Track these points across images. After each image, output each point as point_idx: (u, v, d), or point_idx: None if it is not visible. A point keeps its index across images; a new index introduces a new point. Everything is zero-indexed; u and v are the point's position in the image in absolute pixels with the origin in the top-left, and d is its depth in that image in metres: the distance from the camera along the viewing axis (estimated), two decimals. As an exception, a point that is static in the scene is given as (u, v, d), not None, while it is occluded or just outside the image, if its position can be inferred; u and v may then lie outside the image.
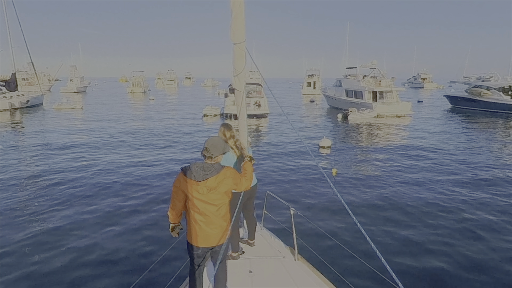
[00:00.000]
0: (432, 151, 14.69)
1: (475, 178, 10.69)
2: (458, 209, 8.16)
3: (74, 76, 67.03)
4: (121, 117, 27.01)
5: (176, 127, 21.84)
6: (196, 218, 3.28)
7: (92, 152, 14.24)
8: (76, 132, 19.47)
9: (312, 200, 8.81)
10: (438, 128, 22.16)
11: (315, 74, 66.57)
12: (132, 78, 70.76)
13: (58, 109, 32.56)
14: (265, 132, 20.27)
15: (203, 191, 3.18)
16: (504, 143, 16.66)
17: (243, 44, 3.72)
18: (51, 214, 7.81)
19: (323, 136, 15.72)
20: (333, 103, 35.61)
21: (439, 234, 6.93)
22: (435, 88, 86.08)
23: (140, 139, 17.28)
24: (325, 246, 6.03)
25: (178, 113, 30.62)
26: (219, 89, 67.47)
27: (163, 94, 62.82)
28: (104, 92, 67.10)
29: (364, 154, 14.09)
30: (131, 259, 6.00)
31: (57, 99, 41.33)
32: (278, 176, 11.05)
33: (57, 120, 24.93)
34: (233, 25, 3.65)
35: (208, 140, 3.32)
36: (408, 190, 9.55)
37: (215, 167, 3.23)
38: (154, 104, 40.18)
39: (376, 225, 7.27)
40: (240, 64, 3.81)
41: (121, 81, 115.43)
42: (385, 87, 29.76)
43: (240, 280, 3.82)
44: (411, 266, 5.75)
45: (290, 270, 3.99)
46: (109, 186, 9.81)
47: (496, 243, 6.53)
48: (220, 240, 3.35)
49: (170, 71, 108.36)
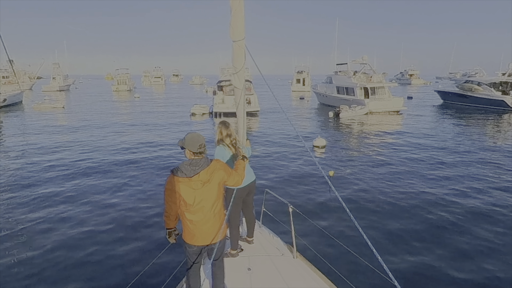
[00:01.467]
0: (426, 148, 14.90)
1: (474, 175, 10.85)
2: (456, 206, 8.33)
3: (57, 74, 65.84)
4: (103, 117, 26.23)
5: (162, 127, 21.14)
6: (191, 218, 3.34)
7: (71, 153, 13.92)
8: (55, 133, 18.82)
9: (311, 198, 8.94)
10: (431, 124, 22.43)
11: (304, 71, 66.66)
12: (117, 76, 70.04)
13: (38, 108, 31.43)
14: (258, 130, 20.27)
15: (197, 186, 3.24)
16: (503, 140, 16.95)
17: (242, 41, 3.78)
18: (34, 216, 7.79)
19: (317, 135, 15.62)
20: (323, 100, 35.60)
21: (435, 229, 7.13)
22: (422, 84, 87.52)
23: (122, 141, 16.70)
24: (323, 244, 6.15)
25: (165, 112, 30.05)
26: (207, 86, 67.08)
27: (150, 92, 62.30)
28: (89, 91, 66.19)
29: (359, 153, 14.17)
30: (127, 259, 6.04)
31: (38, 98, 40.68)
32: (276, 174, 11.17)
33: (35, 121, 24.08)
34: (232, 23, 3.71)
35: (193, 137, 3.30)
36: (405, 188, 9.69)
37: (203, 161, 3.29)
38: (139, 102, 39.66)
39: (373, 223, 7.41)
40: (239, 62, 3.88)
41: (107, 79, 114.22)
42: (377, 82, 29.86)
43: (238, 277, 3.89)
44: (407, 262, 5.90)
45: (288, 267, 4.07)
46: (88, 187, 9.76)
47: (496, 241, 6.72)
48: (215, 237, 3.42)
49: (157, 68, 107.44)
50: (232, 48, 3.85)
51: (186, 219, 3.37)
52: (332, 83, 33.92)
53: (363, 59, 32.61)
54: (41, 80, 75.88)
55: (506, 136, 18.22)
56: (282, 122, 23.54)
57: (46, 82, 67.28)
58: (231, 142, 4.13)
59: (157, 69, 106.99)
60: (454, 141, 16.43)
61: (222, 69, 54.70)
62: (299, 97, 45.82)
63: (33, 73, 72.06)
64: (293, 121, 24.44)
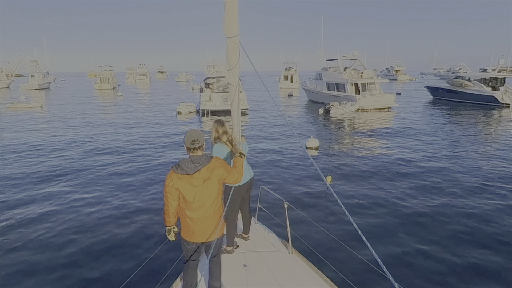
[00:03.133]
0: (421, 146, 15.02)
1: (474, 174, 10.90)
2: (455, 206, 8.41)
3: (36, 71, 64.55)
4: (84, 117, 25.54)
5: (144, 128, 20.40)
6: (191, 216, 3.42)
7: (49, 156, 13.53)
8: (31, 135, 18.14)
9: (306, 194, 9.11)
10: (424, 121, 22.64)
11: (292, 68, 66.62)
12: (100, 73, 69.13)
13: (13, 108, 30.14)
14: (249, 128, 20.28)
15: (198, 183, 3.32)
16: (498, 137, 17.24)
17: (236, 37, 3.87)
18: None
19: (309, 136, 15.38)
20: (313, 97, 35.56)
21: (433, 224, 7.34)
22: (408, 80, 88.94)
23: (104, 142, 16.15)
24: (318, 240, 6.29)
25: (149, 111, 29.48)
26: (193, 83, 66.57)
27: (134, 90, 61.66)
28: (70, 89, 65.21)
29: (353, 153, 14.12)
30: (124, 255, 6.13)
31: (15, 97, 39.82)
32: (271, 171, 11.34)
33: (9, 121, 23.10)
34: (226, 19, 3.80)
35: (189, 133, 3.42)
36: (401, 187, 9.82)
37: (204, 158, 3.38)
38: (123, 101, 38.93)
39: (368, 219, 7.60)
40: (233, 58, 3.97)
41: (90, 76, 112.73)
42: (368, 79, 29.87)
43: (234, 273, 3.99)
44: (400, 257, 6.09)
45: (284, 263, 4.18)
46: (70, 190, 9.72)
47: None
48: (213, 234, 3.51)
49: (142, 65, 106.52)
50: (226, 44, 3.94)
51: (185, 216, 3.44)
52: (322, 79, 33.80)
53: (353, 54, 32.55)
54: (20, 78, 74.44)
55: (498, 131, 18.68)
56: (273, 119, 23.59)
57: (25, 80, 66.02)
58: (228, 139, 4.21)
59: (142, 66, 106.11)
60: (450, 138, 16.57)
61: (209, 66, 54.35)
62: (288, 94, 45.77)
63: (11, 70, 70.86)
64: (282, 120, 24.15)
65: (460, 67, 73.20)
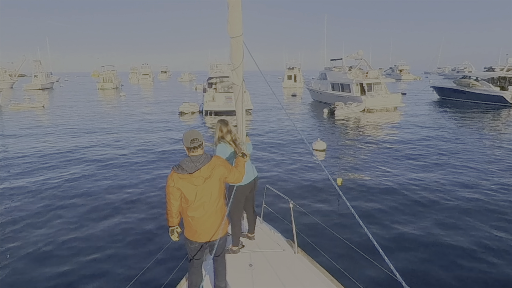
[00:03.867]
0: (430, 148, 14.76)
1: (484, 176, 10.77)
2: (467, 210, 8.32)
3: (39, 71, 64.85)
4: (86, 117, 25.64)
5: (146, 129, 20.52)
6: (192, 215, 3.47)
7: (48, 158, 13.54)
8: (31, 135, 18.23)
9: (312, 195, 9.12)
10: (432, 121, 22.37)
11: (296, 67, 66.01)
12: (102, 73, 69.38)
13: (16, 109, 30.39)
14: (253, 128, 20.22)
15: (199, 182, 3.38)
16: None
17: (240, 37, 3.91)
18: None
19: (317, 137, 15.24)
20: (317, 97, 35.30)
21: (438, 231, 7.29)
22: (412, 79, 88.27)
23: (105, 143, 16.20)
24: (324, 239, 6.29)
25: (152, 111, 29.48)
26: (196, 83, 66.54)
27: (137, 89, 61.93)
28: (73, 89, 65.49)
29: (362, 155, 13.92)
30: (129, 256, 6.20)
31: (19, 97, 40.09)
32: (276, 170, 11.39)
33: (10, 122, 23.25)
34: (230, 19, 3.83)
35: (187, 133, 3.47)
36: (410, 186, 9.81)
37: (204, 157, 3.44)
38: (126, 101, 39.07)
39: (373, 219, 7.63)
40: (237, 58, 4.01)
41: (93, 76, 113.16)
42: (373, 78, 29.45)
43: (240, 273, 4.03)
44: (413, 262, 6.05)
45: (290, 263, 4.21)
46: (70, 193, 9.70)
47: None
48: (217, 233, 3.55)
49: (145, 65, 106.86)
50: (230, 44, 3.98)
51: (187, 215, 3.50)
52: (326, 79, 33.48)
53: (358, 54, 32.11)
54: (24, 78, 74.78)
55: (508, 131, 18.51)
56: (278, 119, 23.53)
57: (29, 80, 66.37)
58: (231, 139, 4.26)
59: (145, 66, 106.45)
60: (462, 141, 16.23)
61: (212, 66, 54.21)
62: (291, 94, 45.37)
63: (15, 70, 71.23)
64: (287, 120, 23.78)
65: (465, 66, 73.06)
